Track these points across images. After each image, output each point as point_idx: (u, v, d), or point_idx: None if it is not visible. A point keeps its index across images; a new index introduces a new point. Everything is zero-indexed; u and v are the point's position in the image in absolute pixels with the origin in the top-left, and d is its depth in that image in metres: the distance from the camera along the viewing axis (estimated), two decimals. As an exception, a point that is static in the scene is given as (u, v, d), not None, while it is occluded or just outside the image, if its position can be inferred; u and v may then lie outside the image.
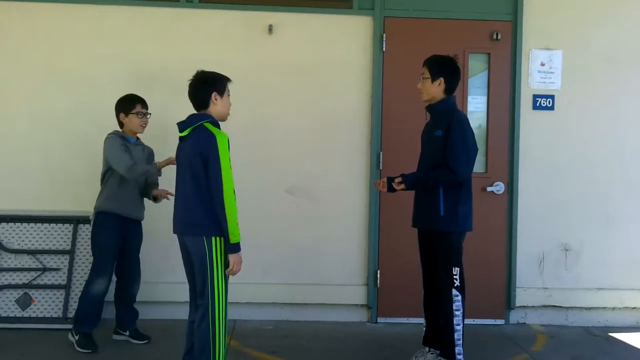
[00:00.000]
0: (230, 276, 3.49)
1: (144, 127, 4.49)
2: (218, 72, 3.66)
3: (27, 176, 5.01)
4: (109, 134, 4.44)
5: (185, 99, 5.11)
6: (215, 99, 3.53)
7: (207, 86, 3.53)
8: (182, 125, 3.55)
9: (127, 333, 4.55)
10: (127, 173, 4.25)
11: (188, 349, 3.59)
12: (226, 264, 3.44)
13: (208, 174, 3.37)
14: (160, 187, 4.58)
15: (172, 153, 5.05)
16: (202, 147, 3.38)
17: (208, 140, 3.38)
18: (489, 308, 5.22)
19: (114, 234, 4.37)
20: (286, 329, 4.99)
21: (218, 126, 3.51)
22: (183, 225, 3.49)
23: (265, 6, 5.15)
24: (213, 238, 3.40)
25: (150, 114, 4.54)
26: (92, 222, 4.52)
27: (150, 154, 4.58)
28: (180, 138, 3.57)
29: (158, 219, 5.01)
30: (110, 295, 4.56)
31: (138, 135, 4.54)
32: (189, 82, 3.60)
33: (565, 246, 5.31)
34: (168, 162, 4.24)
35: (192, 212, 3.42)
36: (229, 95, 3.62)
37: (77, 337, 4.31)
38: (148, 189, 4.52)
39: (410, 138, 4.27)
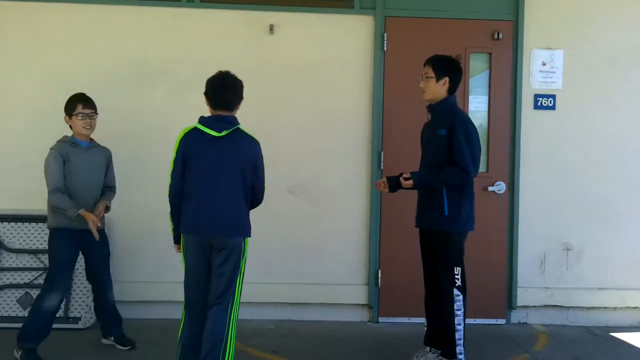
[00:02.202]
0: None
1: (89, 128, 4.20)
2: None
3: (28, 176, 4.99)
4: (53, 146, 4.18)
5: (187, 98, 5.16)
6: (239, 105, 3.63)
7: (241, 91, 3.62)
8: (219, 126, 3.48)
9: (112, 338, 4.43)
10: (49, 196, 4.06)
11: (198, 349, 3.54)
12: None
13: (256, 178, 3.55)
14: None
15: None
16: (253, 153, 3.53)
17: (256, 146, 3.57)
18: (490, 308, 5.22)
19: (68, 250, 4.14)
20: (287, 329, 4.99)
21: None
22: (229, 226, 3.47)
23: (267, 6, 5.15)
24: (246, 239, 3.54)
25: (97, 114, 4.25)
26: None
27: (108, 157, 4.36)
28: (210, 137, 3.49)
29: (156, 218, 5.03)
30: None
31: (92, 136, 4.29)
32: (216, 80, 3.57)
33: (567, 246, 5.30)
34: (100, 212, 4.16)
35: (237, 213, 3.49)
36: None
37: (19, 353, 4.03)
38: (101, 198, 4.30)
39: (411, 137, 4.28)
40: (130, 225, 5.10)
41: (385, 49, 5.19)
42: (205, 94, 3.59)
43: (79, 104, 4.18)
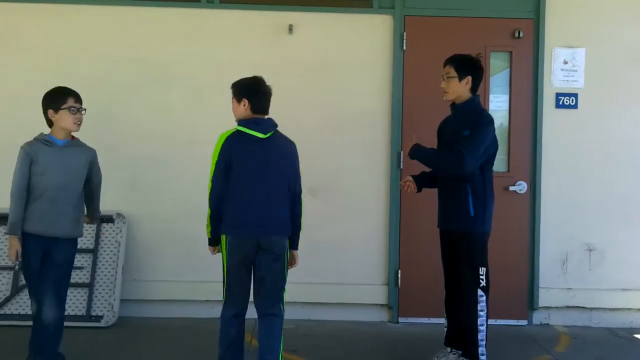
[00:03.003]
0: None
1: (79, 124, 3.81)
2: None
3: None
4: (23, 145, 3.80)
5: (207, 98, 5.19)
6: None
7: (270, 96, 3.74)
8: (263, 128, 3.59)
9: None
10: (11, 194, 3.72)
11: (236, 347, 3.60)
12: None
13: (295, 177, 3.66)
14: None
15: (195, 154, 5.14)
16: (292, 153, 3.67)
17: (294, 146, 3.69)
18: (512, 308, 5.18)
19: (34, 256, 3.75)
20: (306, 329, 4.99)
21: None
22: (277, 226, 3.56)
23: (286, 6, 5.17)
24: (288, 237, 3.64)
25: (85, 109, 3.85)
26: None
27: (92, 158, 3.93)
28: (256, 139, 3.57)
29: (177, 219, 5.07)
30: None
31: (74, 134, 3.87)
32: (258, 84, 3.71)
33: (589, 246, 5.24)
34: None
35: (284, 213, 3.59)
36: None
37: None
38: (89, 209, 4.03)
39: (431, 137, 4.24)
40: (151, 225, 5.14)
41: (404, 48, 5.18)
42: (241, 96, 3.67)
43: (70, 97, 3.79)
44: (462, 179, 3.86)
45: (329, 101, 5.21)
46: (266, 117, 3.68)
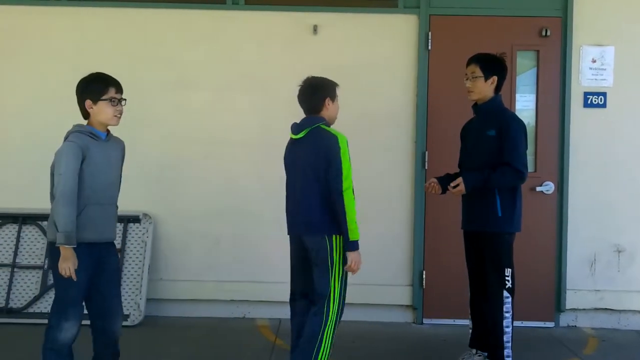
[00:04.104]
0: (349, 274, 3.64)
1: (119, 117, 3.41)
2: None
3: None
4: (69, 133, 3.37)
5: (231, 99, 5.23)
6: (328, 104, 3.65)
7: (320, 92, 3.65)
8: (296, 128, 3.63)
9: None
10: (59, 197, 3.22)
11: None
12: (344, 262, 3.54)
13: (330, 172, 3.47)
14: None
15: (219, 154, 5.17)
16: (325, 147, 3.50)
17: (329, 139, 3.51)
18: (539, 310, 5.12)
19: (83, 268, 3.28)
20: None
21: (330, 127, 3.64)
22: (304, 224, 3.57)
23: (310, 6, 5.17)
24: (333, 236, 3.51)
25: (125, 99, 3.48)
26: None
27: (124, 150, 3.58)
28: (293, 140, 3.66)
29: (202, 218, 5.10)
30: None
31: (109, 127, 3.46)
32: (299, 87, 3.70)
33: (618, 247, 5.16)
34: None
35: (313, 212, 3.52)
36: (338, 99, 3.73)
37: None
38: None
39: (456, 137, 4.23)
40: (176, 224, 5.19)
41: (429, 48, 5.15)
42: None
43: (111, 87, 3.39)
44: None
45: (353, 101, 5.18)
46: (315, 116, 3.64)
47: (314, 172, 3.51)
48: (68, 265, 3.16)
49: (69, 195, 3.20)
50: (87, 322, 3.41)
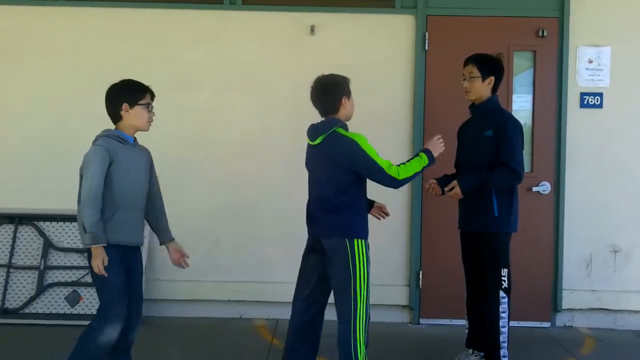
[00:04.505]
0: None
1: (150, 124, 3.52)
2: (337, 73, 3.65)
3: (77, 176, 5.11)
4: (98, 137, 3.42)
5: (230, 99, 5.23)
6: (344, 103, 3.54)
7: (335, 91, 3.53)
8: (313, 134, 3.55)
9: None
10: (83, 199, 3.25)
11: (293, 349, 3.65)
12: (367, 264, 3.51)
13: (369, 174, 3.46)
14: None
15: (218, 153, 5.18)
16: (347, 156, 3.41)
17: (349, 145, 3.41)
18: (535, 310, 5.13)
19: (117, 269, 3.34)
20: (328, 329, 4.97)
21: (347, 129, 3.52)
22: (321, 227, 3.53)
23: (307, 7, 5.17)
24: (355, 240, 3.45)
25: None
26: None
27: (150, 158, 3.62)
28: (311, 146, 3.59)
29: (200, 218, 5.10)
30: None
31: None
32: (311, 87, 3.58)
33: (614, 247, 5.17)
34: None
35: (332, 216, 3.46)
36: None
37: None
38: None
39: (454, 137, 4.23)
40: (174, 224, 5.15)
41: (426, 48, 5.15)
42: None
43: (148, 93, 3.47)
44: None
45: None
46: (332, 117, 3.53)
47: (332, 179, 3.45)
48: (97, 262, 3.21)
49: (93, 197, 3.23)
50: (87, 322, 3.44)
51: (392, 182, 3.46)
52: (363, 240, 3.49)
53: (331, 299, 3.66)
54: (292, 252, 5.17)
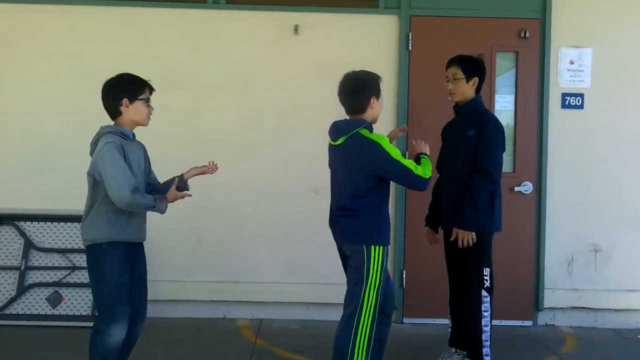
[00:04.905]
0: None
1: (149, 119, 3.45)
2: (367, 70, 3.51)
3: (58, 175, 5.07)
4: (100, 135, 3.31)
5: (214, 99, 5.20)
6: (373, 103, 3.43)
7: (365, 91, 3.41)
8: (334, 134, 3.46)
9: None
10: (128, 199, 3.17)
11: None
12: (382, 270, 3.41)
13: (394, 178, 3.39)
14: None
15: (203, 156, 5.11)
16: (369, 160, 3.32)
17: (372, 148, 3.31)
18: (517, 309, 5.16)
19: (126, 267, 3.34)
20: (312, 329, 5.00)
21: (372, 130, 3.41)
22: (340, 232, 3.50)
23: (291, 6, 5.16)
24: (372, 247, 3.38)
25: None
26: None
27: (146, 152, 3.57)
28: (332, 146, 3.52)
29: (184, 217, 5.07)
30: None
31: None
32: (340, 83, 3.46)
33: (595, 247, 5.23)
34: (193, 174, 3.66)
35: (349, 220, 3.43)
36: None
37: None
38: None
39: (437, 137, 4.25)
40: (158, 225, 5.12)
41: (410, 48, 5.17)
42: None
43: (147, 88, 3.39)
44: (469, 180, 3.85)
45: (334, 100, 5.16)
46: (358, 117, 3.43)
47: (356, 183, 3.37)
48: (176, 197, 3.40)
49: (135, 187, 3.21)
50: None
51: (422, 183, 3.35)
52: (381, 247, 3.38)
53: (337, 298, 3.65)
54: (276, 252, 5.20)
